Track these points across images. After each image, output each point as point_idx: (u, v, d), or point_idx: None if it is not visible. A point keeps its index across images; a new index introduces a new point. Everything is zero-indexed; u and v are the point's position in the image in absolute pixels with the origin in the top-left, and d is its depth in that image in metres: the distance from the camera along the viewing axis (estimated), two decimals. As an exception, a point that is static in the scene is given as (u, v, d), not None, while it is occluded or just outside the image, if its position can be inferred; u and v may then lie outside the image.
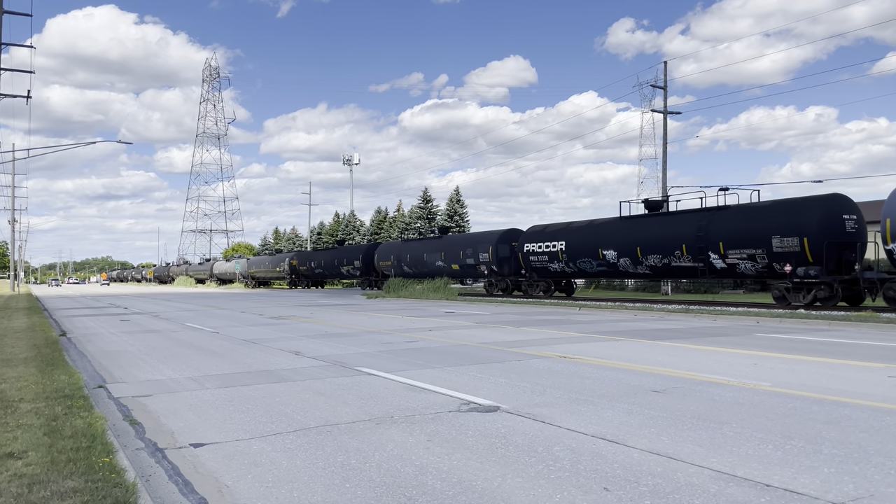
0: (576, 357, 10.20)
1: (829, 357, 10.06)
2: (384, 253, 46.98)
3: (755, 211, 22.66)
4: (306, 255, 61.71)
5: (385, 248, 47.93)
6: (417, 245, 43.70)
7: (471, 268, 36.84)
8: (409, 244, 45.26)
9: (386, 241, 50.80)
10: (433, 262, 40.10)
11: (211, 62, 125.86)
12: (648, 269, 26.11)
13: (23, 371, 8.72)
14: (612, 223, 28.09)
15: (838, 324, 16.15)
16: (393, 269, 45.17)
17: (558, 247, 30.09)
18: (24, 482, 4.07)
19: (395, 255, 44.79)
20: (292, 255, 64.98)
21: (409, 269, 43.07)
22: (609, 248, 27.39)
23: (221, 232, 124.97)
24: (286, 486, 4.24)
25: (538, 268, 31.42)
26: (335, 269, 54.29)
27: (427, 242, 43.02)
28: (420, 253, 41.95)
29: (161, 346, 12.83)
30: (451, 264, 38.37)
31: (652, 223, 26.26)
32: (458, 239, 40.07)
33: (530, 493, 4.05)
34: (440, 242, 41.03)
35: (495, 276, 35.04)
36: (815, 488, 4.06)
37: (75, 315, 23.80)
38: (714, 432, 5.42)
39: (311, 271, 59.22)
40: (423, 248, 42.33)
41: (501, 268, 34.50)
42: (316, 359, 10.36)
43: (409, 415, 6.23)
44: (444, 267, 39.18)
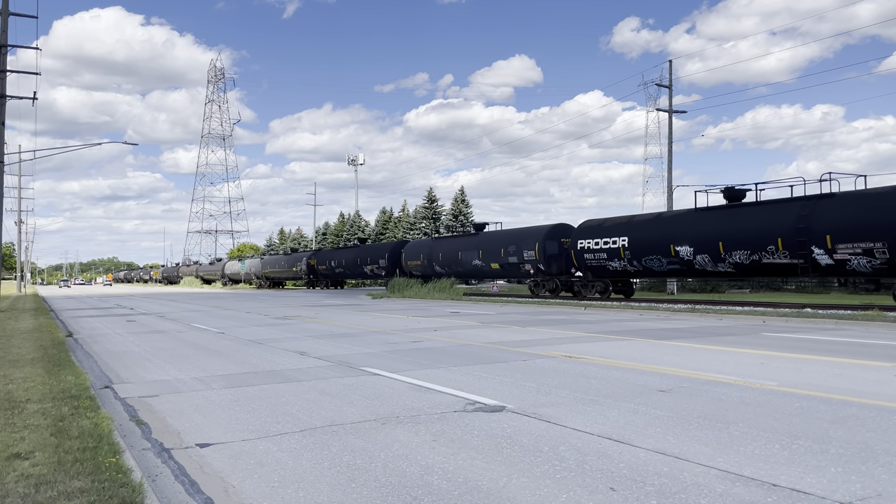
0: (581, 357, 10.18)
1: (837, 356, 10.01)
2: (413, 251, 43.56)
3: (875, 198, 19.67)
4: (326, 255, 58.52)
5: (414, 246, 44.47)
6: (451, 243, 40.39)
7: (513, 267, 33.79)
8: (441, 242, 41.93)
9: (415, 239, 46.58)
10: (469, 260, 36.85)
11: (216, 63, 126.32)
12: (732, 267, 23.05)
13: (30, 372, 8.75)
14: (685, 216, 25.41)
15: (845, 323, 16.09)
16: (423, 269, 41.89)
17: (619, 243, 27.09)
18: (31, 482, 4.08)
19: (426, 253, 41.44)
20: (310, 254, 62.06)
21: (442, 268, 39.58)
22: (683, 244, 24.34)
23: (227, 233, 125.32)
24: (292, 486, 4.24)
25: (594, 267, 28.50)
26: (358, 268, 51.04)
27: (462, 240, 39.68)
28: (454, 251, 38.61)
29: (167, 346, 12.86)
30: (489, 263, 35.27)
31: (737, 215, 23.22)
32: (499, 236, 36.15)
33: (536, 492, 4.04)
34: (477, 240, 37.43)
35: (542, 275, 32.02)
36: (822, 488, 4.05)
37: (81, 316, 23.88)
38: (720, 432, 5.41)
39: (330, 271, 56.13)
40: (457, 245, 39.00)
41: (549, 266, 31.47)
42: (321, 359, 10.37)
43: (415, 415, 6.23)
44: (481, 266, 36.16)
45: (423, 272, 41.86)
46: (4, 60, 25.64)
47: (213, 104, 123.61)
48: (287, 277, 67.00)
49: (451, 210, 65.16)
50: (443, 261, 39.44)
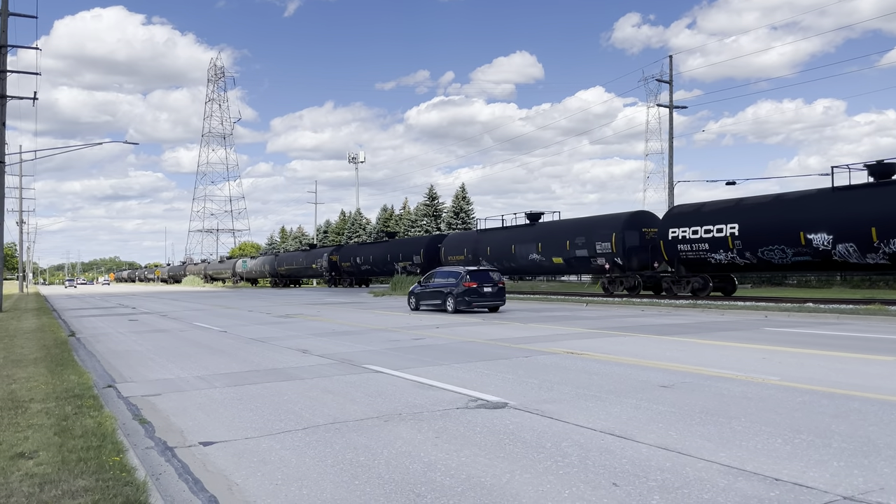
0: (583, 353, 10.19)
1: (839, 351, 10.01)
2: (454, 245, 39.14)
3: None
4: (350, 250, 54.59)
5: (455, 239, 40.14)
6: (501, 235, 35.27)
7: (581, 262, 29.51)
8: (489, 235, 36.64)
9: (456, 232, 41.53)
10: (525, 255, 32.44)
11: (216, 62, 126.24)
12: (887, 259, 19.05)
13: (33, 371, 8.77)
14: (818, 197, 21.05)
15: (847, 317, 16.08)
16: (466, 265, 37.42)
17: (726, 231, 22.82)
18: (36, 481, 4.09)
19: (470, 247, 36.98)
20: (332, 249, 58.42)
21: (490, 264, 34.18)
22: (819, 231, 20.16)
23: (228, 231, 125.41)
24: (295, 484, 4.25)
25: (690, 260, 24.49)
26: (387, 265, 46.79)
27: (515, 231, 34.66)
28: (505, 244, 34.09)
29: (169, 345, 12.88)
30: (551, 258, 30.83)
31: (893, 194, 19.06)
32: (563, 226, 31.58)
33: (539, 488, 4.05)
34: (534, 231, 32.95)
35: (619, 270, 27.71)
36: (824, 482, 4.05)
37: (84, 315, 23.91)
38: (723, 427, 5.41)
39: (355, 268, 52.01)
40: (509, 238, 34.21)
41: (629, 260, 27.31)
42: (324, 357, 10.38)
43: (418, 412, 6.24)
44: (541, 261, 31.67)
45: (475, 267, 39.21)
46: (4, 61, 25.64)
47: (213, 103, 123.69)
48: (305, 275, 63.27)
49: (453, 207, 65.17)
50: (491, 255, 34.97)
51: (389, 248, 47.65)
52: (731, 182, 24.90)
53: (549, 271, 32.94)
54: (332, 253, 56.48)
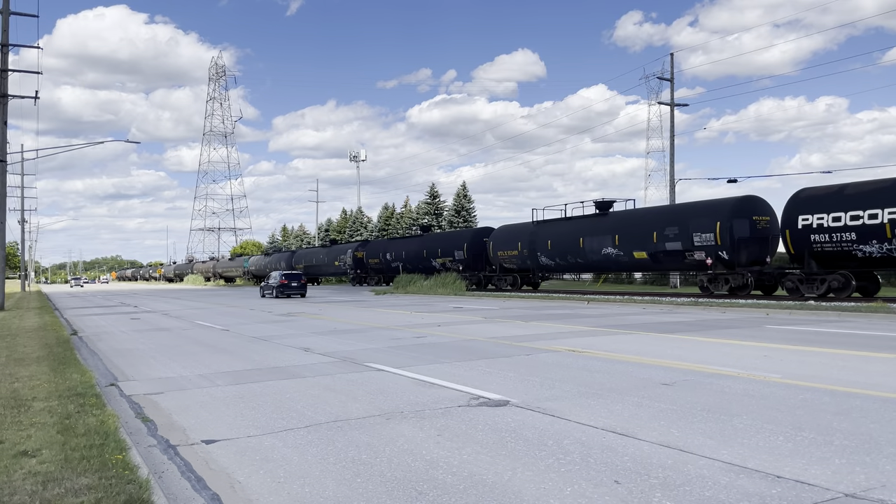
0: (585, 351, 10.19)
1: (840, 348, 10.01)
2: (504, 239, 34.56)
3: None
4: (378, 246, 49.96)
5: (505, 233, 35.13)
6: (565, 227, 30.98)
7: (673, 256, 25.21)
8: (547, 227, 32.17)
9: (506, 225, 36.60)
10: (597, 248, 28.39)
11: (217, 61, 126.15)
12: None
13: (35, 370, 8.79)
14: None
15: (848, 315, 16.07)
16: (520, 261, 33.38)
17: (883, 217, 18.82)
18: (39, 480, 4.11)
19: (525, 241, 32.83)
20: (357, 245, 53.86)
21: (552, 259, 31.08)
22: None
23: (230, 230, 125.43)
24: (298, 482, 4.26)
25: (827, 253, 20.47)
26: (423, 262, 42.32)
27: (583, 222, 30.09)
28: (571, 237, 30.06)
29: (171, 343, 12.90)
30: (631, 251, 26.78)
31: None
32: (648, 215, 27.21)
33: (541, 486, 4.05)
34: (608, 221, 28.72)
35: (724, 266, 23.63)
36: (826, 479, 4.05)
37: (86, 314, 23.94)
38: (724, 424, 5.42)
39: (384, 265, 47.57)
40: (576, 229, 30.08)
41: (736, 254, 23.13)
42: (325, 355, 10.39)
43: (419, 410, 6.25)
44: (617, 256, 27.58)
45: (521, 265, 33.58)
46: (6, 60, 25.66)
47: (214, 102, 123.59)
48: (326, 273, 58.96)
49: (454, 205, 65.16)
50: (553, 250, 30.94)
51: (425, 243, 43.07)
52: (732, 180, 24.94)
53: (626, 267, 28.18)
54: (358, 249, 52.18)
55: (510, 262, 34.13)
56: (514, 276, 34.43)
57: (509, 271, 34.67)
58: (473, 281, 37.41)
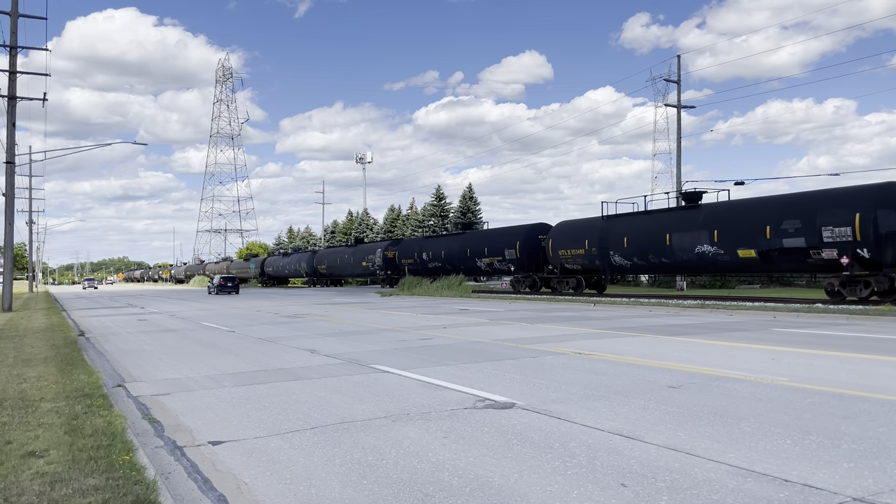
0: (591, 353, 10.17)
1: (848, 351, 9.96)
2: (567, 237, 30.54)
3: None
4: (413, 245, 45.67)
5: (569, 229, 30.96)
6: (647, 221, 26.91)
7: (792, 255, 21.34)
8: (622, 222, 28.31)
9: (569, 221, 32.03)
10: (689, 245, 24.54)
11: (224, 63, 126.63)
12: None
13: (43, 371, 8.83)
14: None
15: (856, 318, 16.00)
16: (586, 261, 29.24)
17: None
18: (47, 480, 4.12)
19: (594, 238, 28.85)
20: (388, 244, 49.64)
21: (629, 259, 27.08)
22: None
23: (236, 231, 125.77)
24: (304, 483, 4.27)
25: None
26: (467, 261, 38.40)
27: (668, 216, 26.26)
28: (655, 233, 26.00)
29: (178, 344, 12.93)
30: (735, 249, 22.92)
31: None
32: (756, 207, 23.01)
33: (547, 489, 4.05)
34: (702, 214, 24.66)
35: (863, 267, 19.83)
36: (834, 483, 4.03)
37: (93, 315, 24.03)
38: (731, 428, 5.39)
39: (420, 266, 43.51)
40: (661, 224, 25.94)
41: (880, 253, 19.22)
42: (331, 357, 10.40)
43: (425, 412, 6.24)
44: (716, 254, 23.64)
45: (588, 265, 29.54)
46: (15, 62, 25.80)
47: (221, 104, 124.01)
48: (352, 274, 54.20)
49: (460, 207, 65.17)
50: (631, 248, 27.11)
51: (468, 241, 38.95)
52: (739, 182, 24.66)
53: (727, 268, 24.22)
54: (389, 248, 47.94)
55: (573, 262, 30.05)
56: (577, 277, 30.45)
57: (571, 272, 30.61)
58: (527, 283, 33.56)
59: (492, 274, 38.40)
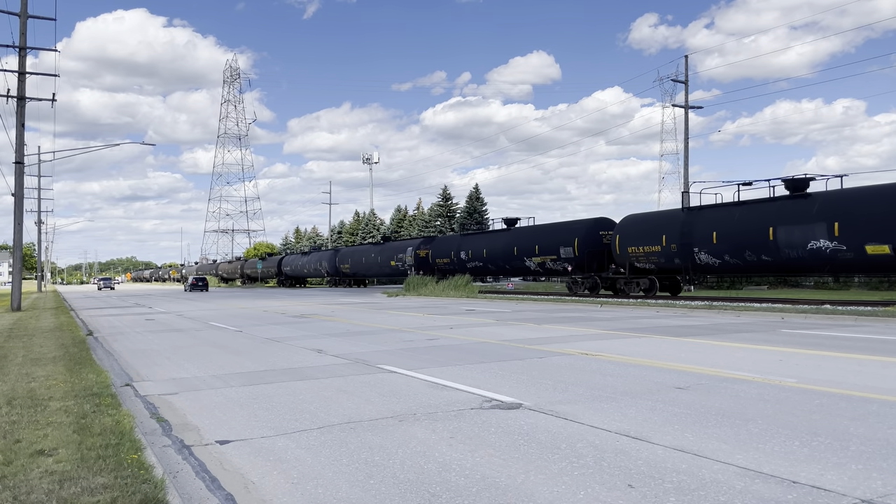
0: (598, 354, 10.15)
1: (856, 353, 9.91)
2: (639, 231, 26.57)
3: None
4: (450, 243, 41.67)
5: (641, 223, 27.02)
6: (745, 213, 22.99)
7: None
8: (710, 213, 24.39)
9: (640, 213, 28.49)
10: (799, 241, 21.01)
11: (231, 63, 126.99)
12: None
13: (52, 370, 8.87)
14: None
15: (865, 319, 15.92)
16: (661, 259, 25.46)
17: None
18: (56, 479, 4.14)
19: (675, 233, 24.82)
20: (420, 242, 45.71)
21: (720, 257, 23.31)
22: None
23: (243, 232, 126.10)
24: (311, 483, 4.28)
25: None
26: (512, 260, 34.51)
27: (771, 207, 22.30)
28: (753, 227, 22.31)
29: (186, 344, 12.98)
30: (862, 245, 19.61)
31: None
32: (885, 194, 19.66)
33: (554, 489, 4.04)
34: (810, 205, 21.16)
35: None
36: (842, 485, 4.02)
37: (101, 315, 24.14)
38: (739, 429, 5.38)
39: (457, 265, 39.61)
40: (762, 216, 22.25)
41: None
42: (338, 357, 10.41)
43: (432, 412, 6.25)
44: (835, 251, 20.18)
45: (665, 264, 25.42)
46: (24, 63, 25.95)
47: (229, 104, 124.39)
48: (380, 274, 50.58)
49: (466, 208, 65.16)
50: (721, 244, 23.23)
51: (515, 238, 34.78)
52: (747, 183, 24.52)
53: (852, 267, 20.55)
54: (421, 246, 44.34)
55: (646, 260, 26.23)
56: (649, 278, 26.74)
57: (643, 273, 26.89)
58: (587, 285, 29.77)
59: (543, 275, 34.50)
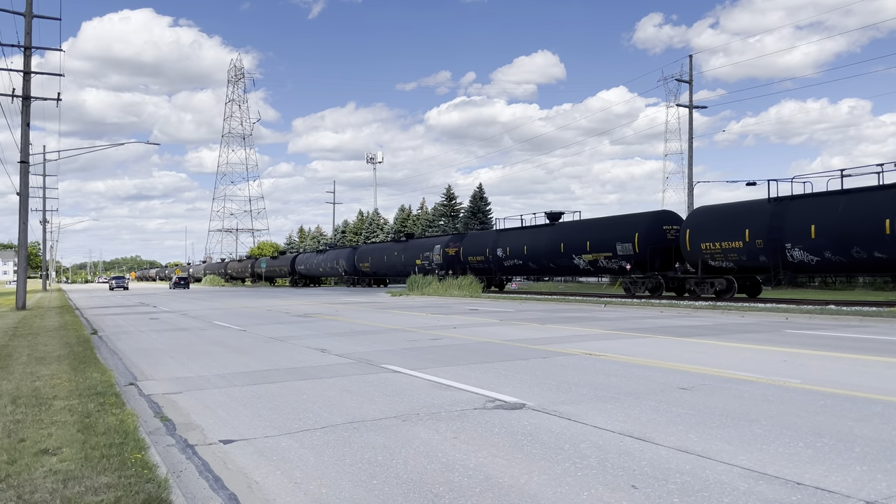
0: (601, 354, 10.14)
1: (861, 353, 9.88)
2: (715, 224, 23.53)
3: None
4: (484, 240, 37.79)
5: (716, 215, 24.01)
6: (847, 203, 19.94)
7: None
8: (805, 203, 21.24)
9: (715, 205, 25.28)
10: None
11: (236, 63, 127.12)
12: None
13: (56, 369, 8.89)
14: None
15: (870, 320, 15.86)
16: (746, 256, 22.35)
17: None
18: (59, 478, 4.15)
19: (761, 227, 21.84)
20: (449, 239, 42.43)
21: (818, 254, 20.47)
22: None
23: (247, 231, 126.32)
24: (314, 483, 4.28)
25: None
26: (559, 258, 31.05)
27: (878, 197, 19.42)
28: (866, 219, 19.23)
29: (190, 343, 13.00)
30: None
31: None
32: None
33: (557, 490, 4.04)
34: None
35: None
36: (846, 486, 4.00)
37: (106, 314, 24.19)
38: (743, 430, 5.36)
39: (493, 263, 36.26)
40: (868, 206, 19.38)
41: None
42: (342, 356, 10.42)
43: (435, 412, 6.25)
44: None
45: (747, 260, 22.60)
46: (29, 62, 26.02)
47: (233, 104, 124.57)
48: (403, 273, 46.13)
49: (470, 207, 65.13)
50: (822, 239, 20.33)
51: (561, 233, 31.45)
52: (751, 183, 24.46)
53: None
54: (451, 244, 41.17)
55: (723, 258, 23.08)
56: (726, 278, 23.52)
57: (719, 272, 23.68)
58: (648, 285, 26.71)
59: (594, 274, 31.53)
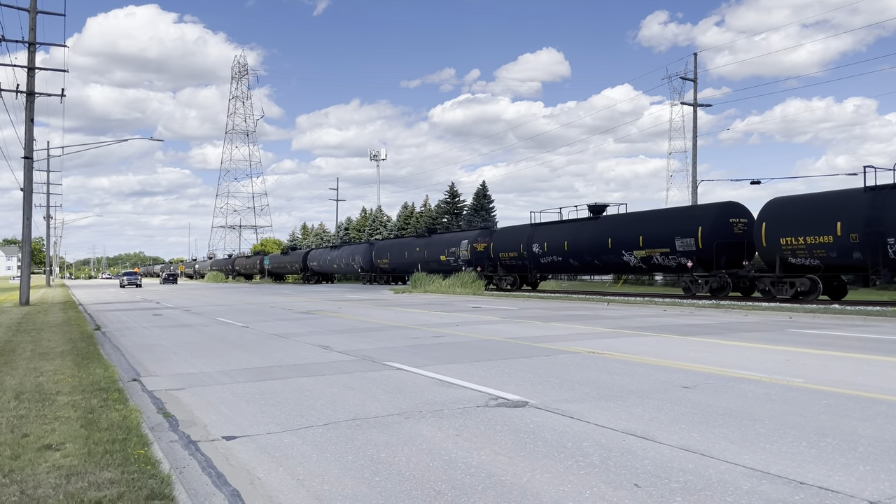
0: (604, 352, 10.13)
1: (865, 353, 9.86)
2: (798, 217, 20.95)
3: None
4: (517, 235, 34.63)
5: (796, 207, 21.32)
6: None
7: None
8: None
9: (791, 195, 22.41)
10: None
11: (240, 60, 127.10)
12: None
13: (59, 364, 8.91)
14: None
15: (874, 319, 15.83)
16: (835, 253, 19.82)
17: None
18: (63, 473, 4.16)
19: (854, 220, 19.31)
20: (477, 234, 39.11)
21: None
22: None
23: (251, 227, 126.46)
24: (317, 479, 4.28)
25: None
26: (605, 254, 28.34)
27: None
28: None
29: (193, 340, 13.02)
30: None
31: None
32: None
33: (560, 488, 4.03)
34: None
35: None
36: (850, 486, 3.99)
37: (109, 310, 24.24)
38: (746, 429, 5.36)
39: (529, 260, 33.11)
40: None
41: None
42: (344, 353, 10.43)
43: (438, 409, 6.25)
44: None
45: (835, 259, 20.07)
46: (33, 58, 26.05)
47: (237, 100, 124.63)
48: (427, 271, 42.44)
49: (473, 205, 65.10)
50: None
51: (607, 227, 28.70)
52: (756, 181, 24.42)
53: None
54: (479, 239, 37.70)
55: (807, 255, 20.62)
56: (810, 278, 20.80)
57: (801, 270, 21.15)
58: (713, 285, 23.88)
59: (647, 272, 28.69)
